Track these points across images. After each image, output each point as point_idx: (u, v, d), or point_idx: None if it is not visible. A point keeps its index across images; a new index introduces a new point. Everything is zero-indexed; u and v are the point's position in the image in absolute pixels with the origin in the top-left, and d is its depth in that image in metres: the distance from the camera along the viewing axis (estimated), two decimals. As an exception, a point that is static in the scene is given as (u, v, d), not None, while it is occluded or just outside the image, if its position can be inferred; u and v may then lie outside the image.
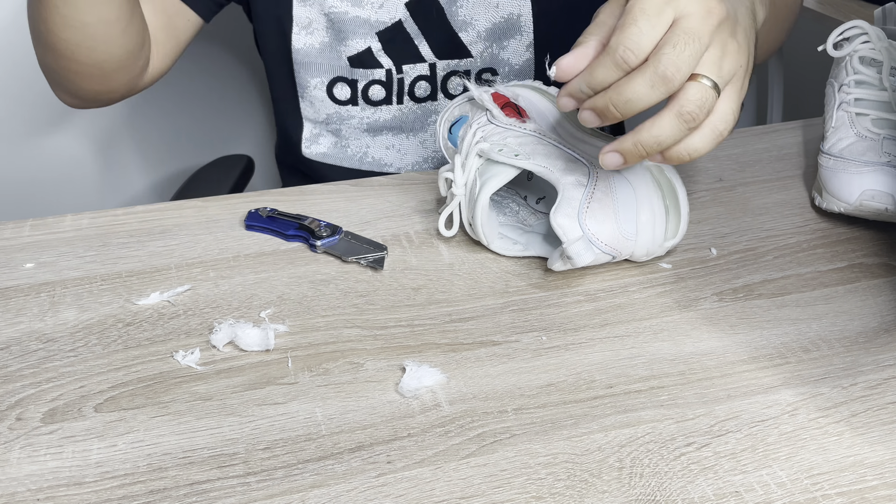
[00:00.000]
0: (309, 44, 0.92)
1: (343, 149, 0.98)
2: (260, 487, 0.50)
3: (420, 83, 0.94)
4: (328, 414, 0.55)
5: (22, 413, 0.55)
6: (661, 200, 0.65)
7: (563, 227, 0.63)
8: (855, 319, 0.63)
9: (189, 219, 0.75)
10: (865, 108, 0.76)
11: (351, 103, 0.94)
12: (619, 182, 0.65)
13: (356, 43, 0.92)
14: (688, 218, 0.66)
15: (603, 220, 0.64)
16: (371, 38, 0.91)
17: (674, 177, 0.66)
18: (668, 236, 0.66)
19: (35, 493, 0.50)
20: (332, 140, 0.98)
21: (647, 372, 0.58)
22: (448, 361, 0.59)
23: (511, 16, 0.92)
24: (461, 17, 0.91)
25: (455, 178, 0.68)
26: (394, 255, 0.70)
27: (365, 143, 0.97)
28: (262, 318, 0.63)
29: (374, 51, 0.92)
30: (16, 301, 0.65)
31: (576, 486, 0.49)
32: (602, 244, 0.64)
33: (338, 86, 0.94)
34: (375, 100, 0.94)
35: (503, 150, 0.67)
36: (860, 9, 1.50)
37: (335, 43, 0.92)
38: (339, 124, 0.96)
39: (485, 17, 0.92)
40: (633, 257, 0.66)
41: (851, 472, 0.50)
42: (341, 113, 0.95)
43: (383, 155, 0.98)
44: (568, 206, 0.63)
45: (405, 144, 0.97)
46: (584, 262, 0.63)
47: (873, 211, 0.71)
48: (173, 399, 0.56)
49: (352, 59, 0.92)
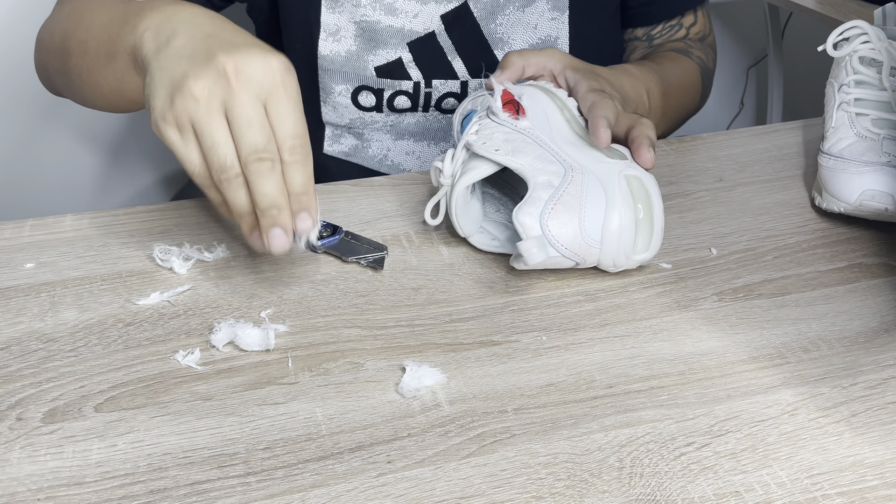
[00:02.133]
0: (335, 51, 0.91)
1: (364, 150, 0.98)
2: (260, 487, 0.50)
3: (448, 100, 0.93)
4: (328, 414, 0.55)
5: (22, 413, 0.55)
6: (633, 212, 0.63)
7: (523, 225, 0.62)
8: (855, 319, 0.63)
9: (189, 219, 0.75)
10: (865, 108, 0.76)
11: (375, 110, 0.94)
12: (592, 188, 0.64)
13: (386, 53, 0.91)
14: (662, 234, 0.65)
15: (565, 223, 0.63)
16: (402, 49, 0.91)
17: (653, 190, 0.64)
18: (638, 249, 0.64)
19: (35, 493, 0.50)
20: (353, 142, 0.97)
21: (647, 372, 0.58)
22: (448, 361, 0.59)
23: (549, 38, 0.91)
24: (498, 34, 0.91)
25: (444, 168, 0.68)
26: (394, 255, 0.70)
27: (386, 146, 0.97)
28: (263, 318, 0.63)
29: (405, 62, 0.91)
30: (16, 301, 0.65)
31: (576, 486, 0.49)
32: (562, 247, 0.63)
33: (363, 94, 0.93)
34: (400, 108, 0.94)
35: (486, 143, 0.67)
36: (860, 9, 1.50)
37: (363, 52, 0.91)
38: (363, 129, 0.96)
39: (522, 38, 0.91)
40: (601, 266, 0.65)
41: (851, 472, 0.50)
42: (364, 118, 0.95)
43: (403, 160, 0.97)
44: (532, 205, 0.63)
45: (426, 152, 0.97)
46: (535, 262, 0.62)
47: (873, 211, 0.71)
48: (173, 399, 0.56)
49: (379, 70, 0.91)
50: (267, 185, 0.57)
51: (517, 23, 0.90)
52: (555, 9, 0.91)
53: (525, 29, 0.91)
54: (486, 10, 0.90)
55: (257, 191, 0.58)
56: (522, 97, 0.72)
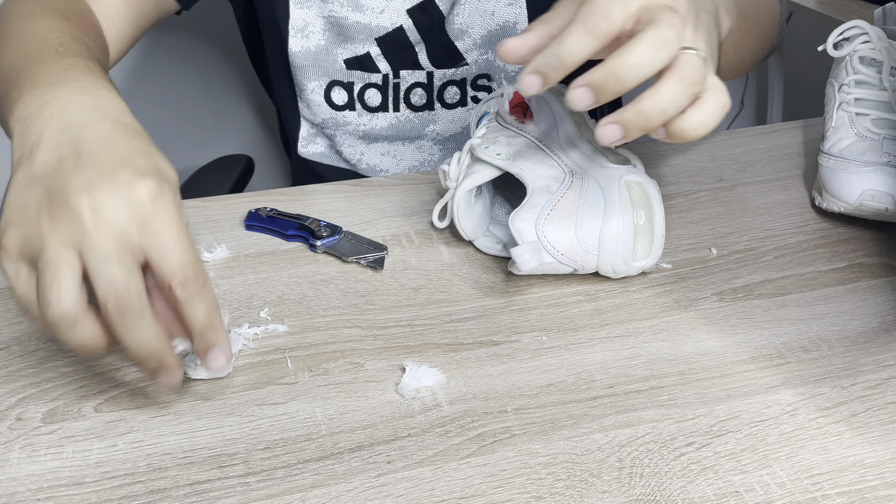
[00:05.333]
0: (305, 47, 0.92)
1: (337, 154, 0.98)
2: (260, 487, 0.50)
3: (416, 90, 0.94)
4: (328, 414, 0.55)
5: (22, 413, 0.55)
6: (632, 219, 0.63)
7: (518, 230, 0.62)
8: (855, 319, 0.63)
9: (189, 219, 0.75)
10: (865, 108, 0.76)
11: (348, 108, 0.94)
12: (591, 194, 0.64)
13: (355, 47, 0.92)
14: (663, 240, 0.64)
15: (562, 229, 0.62)
16: (370, 44, 0.91)
17: (654, 196, 0.64)
18: (638, 256, 0.64)
19: (35, 493, 0.50)
20: (326, 143, 0.98)
21: (647, 372, 0.58)
22: (448, 361, 0.59)
23: (507, 23, 0.91)
24: (458, 25, 0.91)
25: (450, 171, 0.68)
26: (394, 255, 0.70)
27: (359, 151, 0.97)
28: (264, 318, 0.63)
29: (374, 55, 0.92)
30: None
31: (576, 486, 0.49)
32: (557, 253, 0.62)
33: (335, 90, 0.94)
34: (372, 105, 0.94)
35: (489, 147, 0.67)
36: (860, 9, 1.50)
37: (332, 46, 0.92)
38: (334, 130, 0.96)
39: (480, 25, 0.91)
40: (600, 272, 0.65)
41: (851, 472, 0.50)
42: (337, 119, 0.95)
43: (378, 161, 0.98)
44: (529, 210, 0.63)
45: (400, 151, 0.97)
46: (527, 268, 0.61)
47: (873, 211, 0.71)
48: (173, 399, 0.56)
49: (348, 62, 0.92)
50: (136, 333, 0.49)
51: (474, 11, 0.90)
52: None
53: (483, 16, 0.91)
54: (448, 3, 0.90)
55: (125, 342, 0.49)
56: (532, 99, 0.72)
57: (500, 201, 0.74)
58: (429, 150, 0.97)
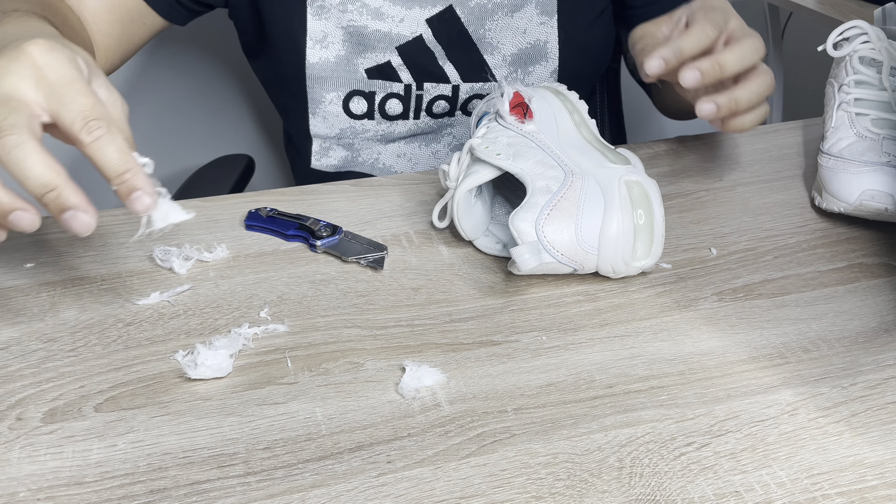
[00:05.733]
0: (324, 58, 0.91)
1: (354, 159, 0.98)
2: (260, 487, 0.50)
3: (439, 102, 0.93)
4: (328, 414, 0.55)
5: (22, 413, 0.55)
6: (632, 219, 0.63)
7: (518, 230, 0.62)
8: (855, 319, 0.63)
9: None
10: (865, 108, 0.76)
11: (367, 117, 0.94)
12: (591, 194, 0.64)
13: (376, 56, 0.91)
14: (663, 240, 0.64)
15: (561, 229, 0.62)
16: (391, 53, 0.91)
17: (654, 196, 0.64)
18: (638, 256, 0.64)
19: (35, 493, 0.50)
20: (343, 153, 0.97)
21: (646, 372, 0.58)
22: (448, 361, 0.59)
23: (538, 42, 0.91)
24: (488, 39, 0.91)
25: (450, 171, 0.68)
26: (394, 255, 0.70)
27: (377, 151, 0.97)
28: (264, 318, 0.63)
29: (395, 65, 0.91)
30: (16, 301, 0.65)
31: (576, 486, 0.49)
32: (557, 253, 0.62)
33: (354, 100, 0.93)
34: (392, 114, 0.94)
35: (489, 147, 0.67)
36: (860, 9, 1.50)
37: (352, 56, 0.91)
38: (353, 138, 0.96)
39: (511, 42, 0.91)
40: (600, 272, 0.65)
41: (851, 472, 0.50)
42: (356, 127, 0.94)
43: (394, 162, 0.97)
44: (529, 210, 0.63)
45: (416, 154, 0.97)
46: (527, 268, 0.62)
47: (873, 211, 0.71)
48: (173, 399, 0.56)
49: (369, 71, 0.91)
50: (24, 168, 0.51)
51: (506, 28, 0.91)
52: (543, 13, 0.91)
53: (514, 34, 0.91)
54: (474, 15, 0.90)
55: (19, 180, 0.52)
56: (532, 99, 0.72)
57: (500, 201, 0.74)
58: (444, 157, 0.96)
